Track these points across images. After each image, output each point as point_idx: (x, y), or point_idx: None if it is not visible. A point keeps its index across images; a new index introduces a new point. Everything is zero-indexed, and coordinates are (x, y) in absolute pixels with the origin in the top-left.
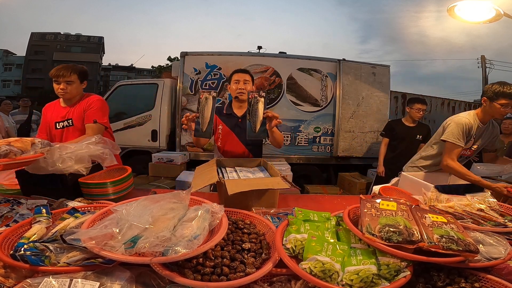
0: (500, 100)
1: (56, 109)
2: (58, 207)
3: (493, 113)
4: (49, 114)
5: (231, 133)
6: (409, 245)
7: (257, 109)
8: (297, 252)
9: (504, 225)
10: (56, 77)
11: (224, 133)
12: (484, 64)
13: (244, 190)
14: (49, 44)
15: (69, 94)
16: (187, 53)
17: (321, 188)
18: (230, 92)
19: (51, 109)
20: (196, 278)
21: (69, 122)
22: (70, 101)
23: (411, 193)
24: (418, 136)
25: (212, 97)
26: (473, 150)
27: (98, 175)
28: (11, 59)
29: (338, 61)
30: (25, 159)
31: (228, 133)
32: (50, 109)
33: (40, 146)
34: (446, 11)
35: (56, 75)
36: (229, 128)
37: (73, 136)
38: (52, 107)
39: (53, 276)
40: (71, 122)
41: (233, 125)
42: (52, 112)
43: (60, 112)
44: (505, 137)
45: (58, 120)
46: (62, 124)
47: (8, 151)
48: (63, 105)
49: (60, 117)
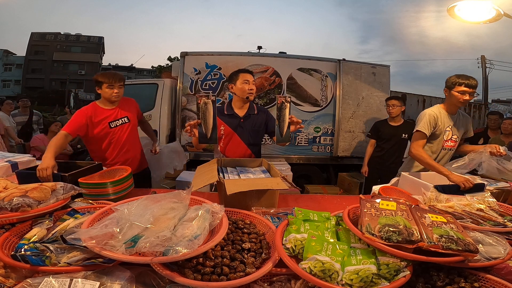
0: (457, 88)
1: (99, 111)
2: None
3: (454, 101)
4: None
5: (233, 133)
6: (409, 244)
7: (285, 114)
8: (297, 252)
9: (504, 225)
10: (110, 82)
11: (226, 134)
12: (484, 64)
13: (243, 190)
14: (49, 44)
15: (119, 97)
16: (187, 53)
17: (321, 188)
18: (236, 92)
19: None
20: (196, 278)
21: (125, 120)
22: (116, 103)
23: (411, 193)
24: (404, 135)
25: (211, 101)
26: (454, 140)
27: (98, 175)
28: (11, 59)
29: (338, 61)
30: (40, 212)
31: (230, 133)
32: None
33: (62, 192)
34: (446, 11)
35: (111, 81)
36: (231, 129)
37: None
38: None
39: (53, 276)
40: (127, 119)
41: (236, 125)
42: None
43: (109, 113)
44: (505, 137)
45: (111, 120)
46: (117, 122)
47: (19, 204)
48: (106, 107)
49: (113, 117)
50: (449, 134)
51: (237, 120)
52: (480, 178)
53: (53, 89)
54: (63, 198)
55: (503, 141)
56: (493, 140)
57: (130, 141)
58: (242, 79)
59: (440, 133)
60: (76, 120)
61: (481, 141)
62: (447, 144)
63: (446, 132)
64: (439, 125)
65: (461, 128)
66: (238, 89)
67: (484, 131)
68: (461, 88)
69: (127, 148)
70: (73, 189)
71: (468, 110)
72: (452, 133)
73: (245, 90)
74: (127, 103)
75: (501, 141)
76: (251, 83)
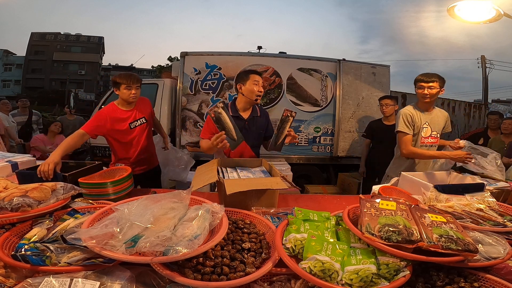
0: (417, 84)
1: (119, 112)
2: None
3: (419, 97)
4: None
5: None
6: (409, 244)
7: (285, 127)
8: (297, 252)
9: (503, 224)
10: (128, 84)
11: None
12: (484, 64)
13: (243, 190)
14: (49, 44)
15: (136, 99)
16: (187, 53)
17: (321, 188)
18: (244, 92)
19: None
20: (196, 277)
21: (143, 120)
22: (134, 104)
23: (411, 193)
24: None
25: (221, 108)
26: (434, 136)
27: (98, 175)
28: (11, 59)
29: (338, 61)
30: (41, 211)
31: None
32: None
33: (62, 192)
34: (446, 11)
35: (129, 82)
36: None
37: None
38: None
39: (54, 276)
40: (144, 120)
41: (241, 128)
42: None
43: (128, 114)
44: (505, 137)
45: (131, 121)
46: (136, 123)
47: (19, 204)
48: (125, 108)
49: (132, 118)
50: (427, 130)
51: (242, 123)
52: (480, 178)
53: (53, 89)
54: (63, 198)
55: (503, 141)
56: (493, 140)
57: (148, 140)
58: (253, 80)
59: (417, 131)
60: (95, 120)
61: (481, 141)
62: (428, 141)
63: (423, 129)
64: (416, 122)
65: (439, 124)
66: (247, 90)
67: (484, 131)
68: (419, 84)
69: (146, 147)
70: (73, 189)
71: (468, 110)
72: (430, 129)
73: (254, 91)
74: (143, 102)
75: (501, 141)
76: (260, 85)
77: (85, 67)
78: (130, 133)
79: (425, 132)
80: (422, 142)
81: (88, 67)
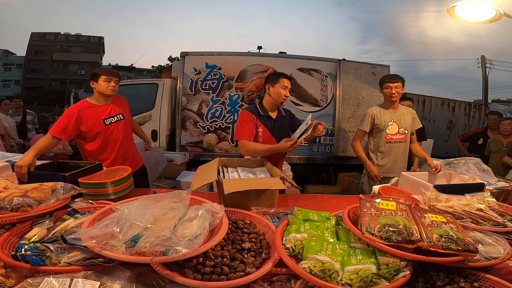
0: (384, 85)
1: (91, 108)
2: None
3: (385, 96)
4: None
5: (272, 137)
6: (409, 244)
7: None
8: (297, 252)
9: (503, 224)
10: (109, 76)
11: (264, 136)
12: (484, 64)
13: (241, 189)
14: (49, 44)
15: (115, 92)
16: (187, 53)
17: (321, 188)
18: (272, 94)
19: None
20: (196, 277)
21: (120, 117)
22: (110, 99)
23: (411, 193)
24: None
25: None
26: (402, 132)
27: (98, 175)
28: (11, 59)
29: (338, 61)
30: (41, 211)
31: (269, 136)
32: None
33: (62, 192)
34: (446, 11)
35: (109, 75)
36: (269, 133)
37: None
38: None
39: (54, 276)
40: (122, 116)
41: (272, 128)
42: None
43: (103, 109)
44: (504, 138)
45: (106, 116)
46: (112, 119)
47: (19, 204)
48: (100, 103)
49: (106, 113)
50: (393, 128)
51: (272, 123)
52: (480, 178)
53: (53, 89)
54: (63, 198)
55: (501, 141)
56: (492, 140)
57: (126, 139)
58: (282, 84)
59: (380, 130)
60: (61, 120)
61: (481, 141)
62: (396, 137)
63: (388, 126)
64: (379, 121)
65: (406, 121)
66: (275, 92)
67: (484, 131)
68: (386, 85)
69: (125, 147)
70: (73, 189)
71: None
72: (398, 126)
73: (281, 95)
74: (120, 100)
75: (500, 142)
76: (287, 90)
77: (85, 67)
78: (104, 130)
79: (391, 129)
80: (390, 138)
81: (88, 67)
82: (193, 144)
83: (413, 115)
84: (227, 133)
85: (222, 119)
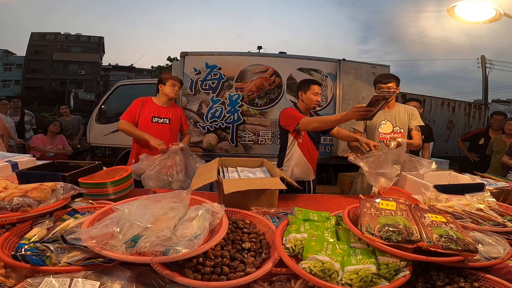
0: (377, 85)
1: (152, 106)
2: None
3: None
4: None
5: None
6: (409, 244)
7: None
8: (297, 252)
9: (503, 224)
10: (173, 81)
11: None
12: (484, 64)
13: (240, 189)
14: (49, 44)
15: (177, 96)
16: (187, 53)
17: (321, 188)
18: (304, 100)
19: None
20: (196, 277)
21: (166, 121)
22: (169, 102)
23: (411, 193)
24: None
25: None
26: (397, 131)
27: (98, 175)
28: (11, 59)
29: (338, 61)
30: (41, 211)
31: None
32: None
33: (62, 192)
34: (446, 11)
35: (174, 80)
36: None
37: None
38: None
39: (54, 276)
40: (168, 121)
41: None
42: (149, 106)
43: (158, 110)
44: (507, 138)
45: (155, 115)
46: (159, 120)
47: (19, 204)
48: (160, 104)
49: (158, 113)
50: (387, 127)
51: None
52: (479, 178)
53: (53, 89)
54: (63, 198)
55: (505, 141)
56: (494, 140)
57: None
58: (313, 90)
59: (373, 128)
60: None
61: (482, 141)
62: (391, 136)
63: (381, 125)
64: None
65: (401, 119)
66: (307, 99)
67: (485, 131)
68: (378, 85)
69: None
70: (73, 189)
71: (468, 110)
72: (392, 125)
73: (313, 101)
74: (176, 109)
75: (503, 142)
76: (319, 95)
77: (85, 67)
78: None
79: (384, 128)
80: (382, 137)
81: (88, 67)
82: (193, 144)
83: (411, 113)
84: (227, 133)
85: (222, 119)
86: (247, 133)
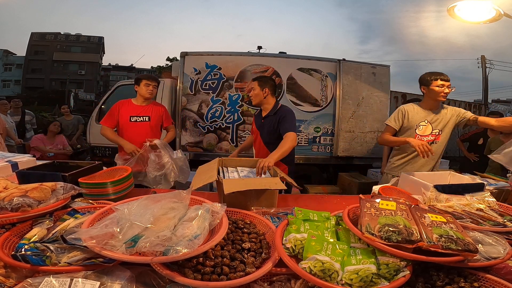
0: (435, 82)
1: (130, 106)
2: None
3: (434, 95)
4: (123, 109)
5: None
6: (409, 244)
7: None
8: (297, 252)
9: (503, 224)
10: (147, 81)
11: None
12: (484, 64)
13: (240, 189)
14: (49, 44)
15: (152, 95)
16: (187, 53)
17: (321, 188)
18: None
19: (124, 106)
20: (196, 277)
21: (145, 119)
22: (148, 101)
23: (411, 193)
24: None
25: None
26: (435, 134)
27: (98, 175)
28: (11, 59)
29: (338, 61)
30: (41, 211)
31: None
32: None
33: (62, 192)
34: (446, 11)
35: (149, 79)
36: None
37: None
38: (125, 104)
39: (54, 276)
40: (147, 119)
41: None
42: (126, 108)
43: (136, 109)
44: (505, 137)
45: (133, 114)
46: (137, 118)
47: (19, 204)
48: (138, 104)
49: (136, 112)
50: (425, 128)
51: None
52: (479, 178)
53: (53, 89)
54: (63, 198)
55: (502, 141)
56: (492, 140)
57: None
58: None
59: (410, 128)
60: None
61: (481, 141)
62: (427, 139)
63: (420, 126)
64: (408, 120)
65: (445, 123)
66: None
67: (484, 131)
68: (439, 82)
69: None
70: (73, 189)
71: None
72: (431, 127)
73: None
74: (158, 107)
75: (500, 141)
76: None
77: (85, 67)
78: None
79: (422, 130)
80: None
81: (88, 67)
82: (193, 144)
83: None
84: (227, 133)
85: (222, 119)
86: (247, 133)
